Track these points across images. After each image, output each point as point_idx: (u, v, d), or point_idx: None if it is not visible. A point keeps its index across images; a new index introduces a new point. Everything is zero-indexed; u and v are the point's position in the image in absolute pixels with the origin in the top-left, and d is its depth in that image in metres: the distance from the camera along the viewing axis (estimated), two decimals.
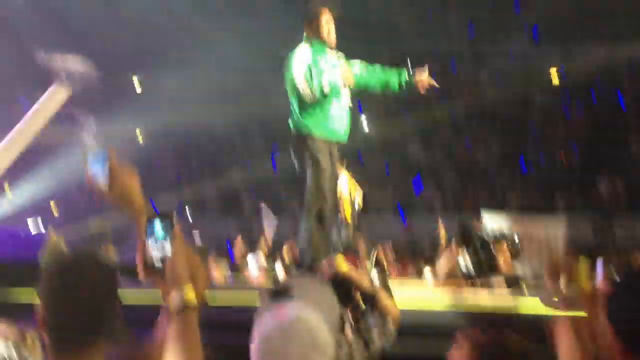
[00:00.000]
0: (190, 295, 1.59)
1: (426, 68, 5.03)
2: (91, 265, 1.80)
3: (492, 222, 5.99)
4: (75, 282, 1.74)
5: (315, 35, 4.88)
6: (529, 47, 17.73)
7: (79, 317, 1.72)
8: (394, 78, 5.09)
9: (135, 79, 23.92)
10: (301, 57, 4.79)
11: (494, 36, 17.94)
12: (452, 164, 18.57)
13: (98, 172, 1.76)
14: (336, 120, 4.95)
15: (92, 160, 1.77)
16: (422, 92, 5.01)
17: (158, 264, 1.66)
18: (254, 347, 1.63)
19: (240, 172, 20.28)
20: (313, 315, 1.62)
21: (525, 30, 17.89)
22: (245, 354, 1.67)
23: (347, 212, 11.40)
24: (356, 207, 11.19)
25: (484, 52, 19.25)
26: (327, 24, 4.90)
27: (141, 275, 1.71)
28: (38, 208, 17.14)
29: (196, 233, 12.34)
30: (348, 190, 11.68)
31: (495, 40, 18.09)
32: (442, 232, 8.69)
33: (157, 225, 1.67)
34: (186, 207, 18.97)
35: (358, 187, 11.66)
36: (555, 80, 17.89)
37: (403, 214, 16.92)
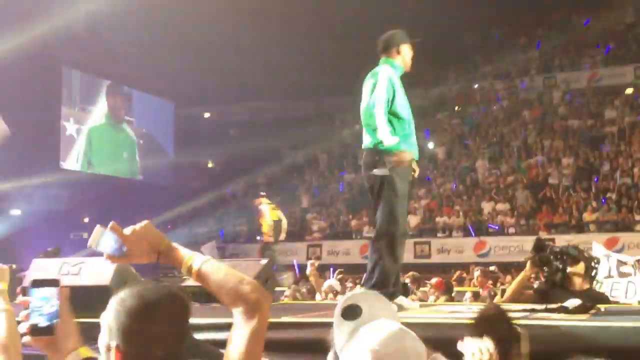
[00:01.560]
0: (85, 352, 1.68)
1: None
2: (168, 296, 1.77)
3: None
4: (155, 314, 1.72)
5: (396, 58, 4.97)
6: None
7: (158, 347, 1.71)
8: None
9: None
10: (386, 71, 4.85)
11: None
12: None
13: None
14: (413, 136, 4.90)
15: None
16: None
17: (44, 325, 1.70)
18: None
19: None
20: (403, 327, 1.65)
21: None
22: None
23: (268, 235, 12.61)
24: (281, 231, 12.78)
25: None
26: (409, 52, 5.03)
27: (29, 341, 1.72)
28: None
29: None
30: (270, 216, 12.93)
31: None
32: None
33: (41, 291, 1.73)
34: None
35: (280, 214, 13.19)
36: None
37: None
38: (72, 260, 5.55)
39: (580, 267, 4.94)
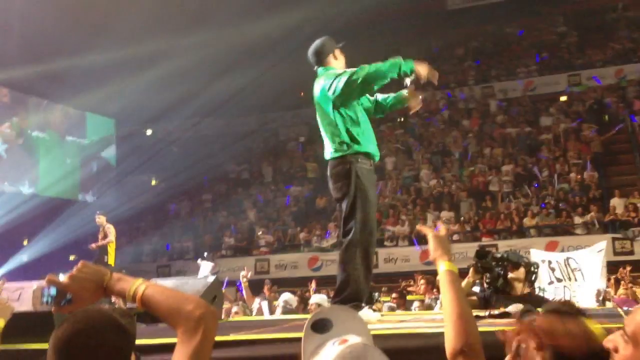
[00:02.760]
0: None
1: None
2: (107, 325, 1.74)
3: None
4: (91, 344, 1.69)
5: (335, 64, 4.89)
6: None
7: None
8: (398, 99, 5.10)
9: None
10: (337, 65, 4.84)
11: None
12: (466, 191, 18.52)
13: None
14: (372, 136, 4.83)
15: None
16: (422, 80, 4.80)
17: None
18: None
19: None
20: (369, 342, 1.66)
21: None
22: None
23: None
24: None
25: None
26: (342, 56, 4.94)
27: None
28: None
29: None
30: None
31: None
32: None
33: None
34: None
35: None
36: None
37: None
38: (11, 285, 5.39)
39: (520, 273, 5.08)
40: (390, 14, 24.53)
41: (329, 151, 4.75)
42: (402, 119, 23.22)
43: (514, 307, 4.14)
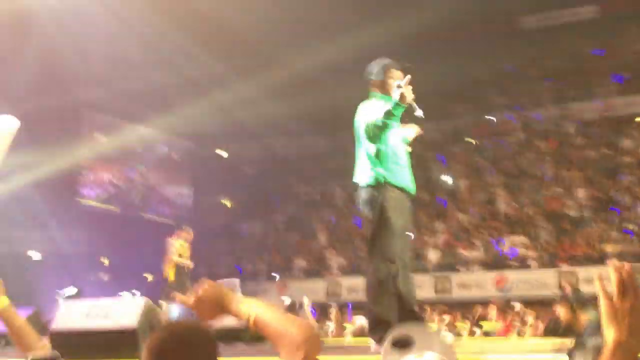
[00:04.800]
0: None
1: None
2: (194, 334, 1.80)
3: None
4: (180, 351, 1.74)
5: (384, 92, 4.80)
6: None
7: None
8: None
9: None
10: (374, 103, 4.74)
11: None
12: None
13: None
14: (408, 171, 4.76)
15: None
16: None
17: None
18: None
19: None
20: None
21: None
22: None
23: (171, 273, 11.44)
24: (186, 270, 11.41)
25: None
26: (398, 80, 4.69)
27: None
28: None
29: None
30: (177, 254, 11.81)
31: None
32: None
33: None
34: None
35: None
36: None
37: None
38: (99, 302, 5.59)
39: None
40: (463, 34, 24.34)
41: (360, 178, 4.73)
42: (476, 141, 22.96)
43: None
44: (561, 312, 5.01)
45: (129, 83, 18.60)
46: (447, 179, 20.49)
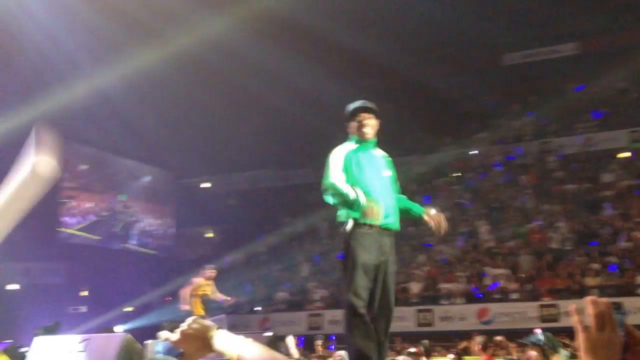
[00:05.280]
0: None
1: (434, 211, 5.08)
2: None
3: None
4: None
5: (357, 133, 4.98)
6: None
7: None
8: (414, 210, 5.14)
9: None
10: (340, 149, 4.91)
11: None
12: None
13: None
14: (382, 202, 4.74)
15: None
16: (434, 229, 4.97)
17: None
18: None
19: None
20: None
21: None
22: None
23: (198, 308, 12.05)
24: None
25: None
26: (367, 122, 4.95)
27: None
28: None
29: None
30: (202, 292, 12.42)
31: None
32: None
33: None
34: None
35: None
36: None
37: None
38: (75, 337, 5.51)
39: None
40: (445, 70, 24.71)
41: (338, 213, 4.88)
42: (457, 173, 23.13)
43: None
44: (533, 355, 5.08)
45: (112, 116, 18.65)
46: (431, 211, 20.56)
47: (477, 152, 23.61)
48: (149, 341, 8.42)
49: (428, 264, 18.67)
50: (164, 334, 1.88)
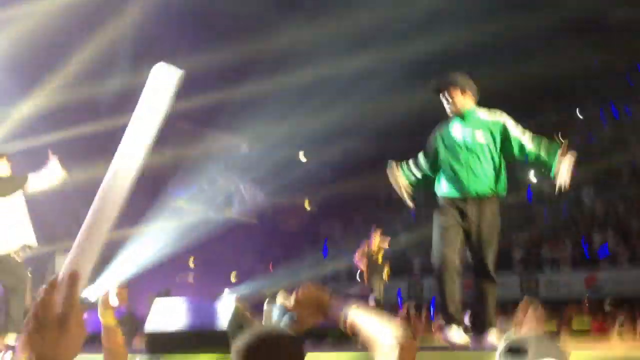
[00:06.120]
0: None
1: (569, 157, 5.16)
2: (284, 339, 1.84)
3: None
4: (271, 351, 1.78)
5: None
6: None
7: None
8: (548, 162, 5.24)
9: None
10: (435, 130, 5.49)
11: None
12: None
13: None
14: (456, 177, 5.22)
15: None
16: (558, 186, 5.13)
17: None
18: None
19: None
20: None
21: None
22: None
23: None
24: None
25: None
26: (446, 99, 5.32)
27: None
28: None
29: None
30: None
31: None
32: None
33: None
34: None
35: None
36: None
37: None
38: (190, 302, 5.76)
39: None
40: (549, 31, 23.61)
41: None
42: (562, 137, 22.24)
43: None
44: None
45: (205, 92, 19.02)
46: (533, 177, 19.97)
47: (581, 117, 22.61)
48: (266, 305, 8.66)
49: (532, 229, 18.14)
50: (280, 299, 1.91)
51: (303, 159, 26.40)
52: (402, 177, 5.51)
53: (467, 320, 6.41)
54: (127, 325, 7.70)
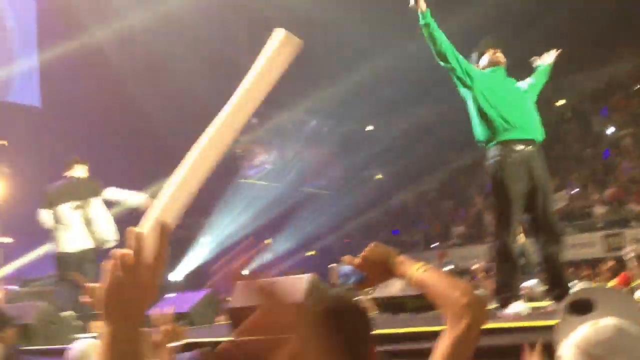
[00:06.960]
0: None
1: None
2: (355, 311, 1.84)
3: None
4: (345, 327, 1.77)
5: (490, 60, 5.13)
6: None
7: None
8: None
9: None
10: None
11: None
12: None
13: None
14: (517, 114, 4.78)
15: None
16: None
17: None
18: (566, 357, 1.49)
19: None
20: (632, 328, 1.45)
21: None
22: None
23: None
24: None
25: None
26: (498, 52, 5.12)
27: None
28: None
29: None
30: None
31: None
32: None
33: None
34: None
35: None
36: None
37: None
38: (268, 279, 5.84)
39: None
40: None
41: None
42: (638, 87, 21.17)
43: None
44: None
45: None
46: (610, 130, 19.20)
47: None
48: (334, 264, 8.72)
49: (614, 185, 17.45)
50: (347, 258, 1.91)
51: (370, 128, 26.30)
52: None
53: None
54: (210, 305, 7.77)
